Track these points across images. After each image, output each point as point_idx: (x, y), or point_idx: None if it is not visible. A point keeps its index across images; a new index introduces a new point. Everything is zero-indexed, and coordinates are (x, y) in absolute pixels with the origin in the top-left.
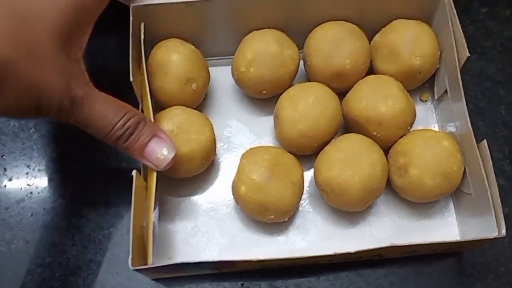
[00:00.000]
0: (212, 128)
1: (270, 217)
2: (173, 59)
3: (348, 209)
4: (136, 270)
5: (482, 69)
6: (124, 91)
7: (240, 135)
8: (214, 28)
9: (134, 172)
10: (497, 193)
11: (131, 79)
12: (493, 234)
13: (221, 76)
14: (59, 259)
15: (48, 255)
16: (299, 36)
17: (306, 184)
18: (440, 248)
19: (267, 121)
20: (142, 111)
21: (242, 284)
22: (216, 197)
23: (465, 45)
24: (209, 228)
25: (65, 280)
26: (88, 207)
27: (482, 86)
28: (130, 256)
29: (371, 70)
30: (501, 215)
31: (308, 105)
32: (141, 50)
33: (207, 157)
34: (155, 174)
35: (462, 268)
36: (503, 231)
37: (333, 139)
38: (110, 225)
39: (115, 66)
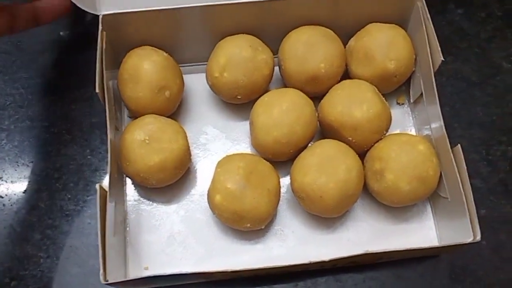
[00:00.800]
0: (186, 136)
1: (246, 225)
2: (145, 67)
3: (324, 215)
4: (109, 284)
5: (458, 71)
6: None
7: (217, 142)
8: (187, 35)
9: (97, 186)
10: (471, 197)
11: (96, 90)
12: (469, 239)
13: (196, 82)
14: (33, 272)
15: (22, 268)
16: (273, 41)
17: (283, 190)
18: (415, 254)
19: (244, 127)
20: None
21: None
22: (192, 205)
23: (439, 49)
24: (186, 237)
25: None
26: (62, 218)
27: (458, 87)
28: (101, 271)
29: (346, 74)
30: (476, 220)
31: (282, 112)
32: (106, 61)
33: (181, 166)
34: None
35: (441, 272)
36: (478, 237)
37: (309, 145)
38: (84, 236)
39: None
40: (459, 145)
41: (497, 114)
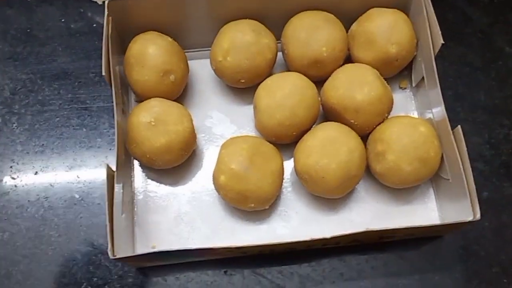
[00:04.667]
0: (191, 119)
1: (250, 205)
2: (150, 51)
3: (327, 196)
4: (117, 259)
5: (461, 56)
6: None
7: (221, 126)
8: (191, 21)
9: (105, 166)
10: (472, 178)
11: (102, 73)
12: (469, 218)
13: (201, 67)
14: (45, 250)
15: (34, 247)
16: (276, 26)
17: (288, 172)
18: (416, 232)
19: (248, 111)
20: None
21: (225, 272)
22: (198, 187)
23: (439, 32)
24: (192, 218)
25: (50, 270)
26: (72, 199)
27: (461, 72)
28: (109, 247)
29: (349, 59)
30: (476, 199)
31: (285, 95)
32: (112, 46)
33: (186, 148)
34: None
35: (443, 252)
36: (478, 215)
37: (311, 128)
38: (94, 217)
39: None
40: (459, 126)
41: (499, 98)
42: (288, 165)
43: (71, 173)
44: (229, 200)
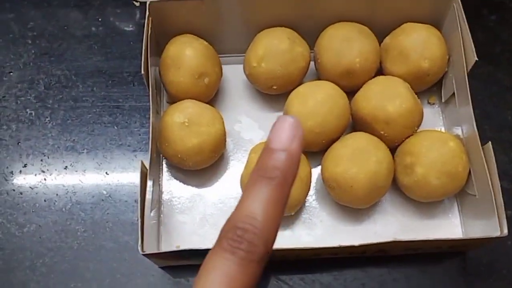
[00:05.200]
0: (223, 121)
1: None
2: (187, 53)
3: (353, 205)
4: (145, 255)
5: (490, 74)
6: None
7: (250, 131)
8: (227, 26)
9: (140, 163)
10: (500, 194)
11: (142, 72)
12: (496, 233)
13: (233, 73)
14: (70, 244)
15: (60, 240)
16: (310, 35)
17: (313, 180)
18: (442, 246)
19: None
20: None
21: None
22: (224, 190)
23: (473, 49)
24: (217, 220)
25: (74, 264)
26: (100, 196)
27: (490, 91)
28: (139, 242)
29: (380, 72)
30: (503, 215)
31: (317, 102)
32: (151, 44)
33: (217, 150)
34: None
35: (465, 268)
36: (505, 231)
37: (341, 137)
38: (120, 213)
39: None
40: (489, 143)
41: None
42: (313, 173)
43: (100, 170)
44: None
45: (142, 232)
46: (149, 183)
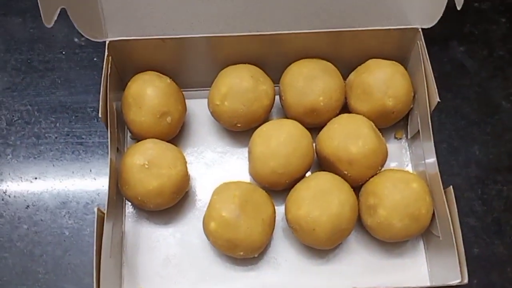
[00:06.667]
0: (185, 162)
1: (239, 253)
2: (148, 93)
3: (317, 247)
4: None
5: (457, 108)
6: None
7: (216, 167)
8: (192, 62)
9: (95, 209)
10: (461, 240)
11: (99, 115)
12: (456, 280)
13: (199, 107)
14: (31, 287)
15: (20, 283)
16: (275, 71)
17: (279, 218)
18: None
19: (243, 154)
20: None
21: None
22: (188, 228)
23: (436, 90)
24: (181, 260)
25: None
26: (62, 235)
27: (457, 125)
28: None
29: (346, 107)
30: (464, 263)
31: (280, 143)
32: (111, 84)
33: (178, 191)
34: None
35: None
36: (465, 280)
37: (305, 177)
38: (82, 254)
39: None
40: (451, 187)
41: (494, 154)
42: (279, 211)
43: (62, 209)
44: (218, 246)
45: (98, 280)
46: (108, 226)
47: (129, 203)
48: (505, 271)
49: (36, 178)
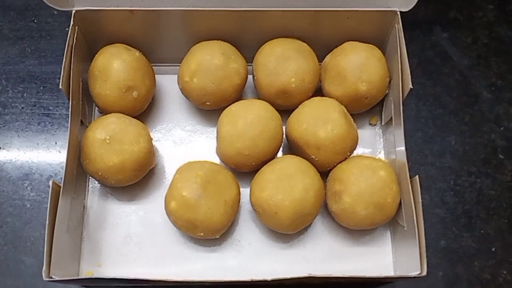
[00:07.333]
0: (149, 139)
1: (199, 234)
2: (114, 66)
3: (279, 231)
4: (52, 281)
5: (436, 96)
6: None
7: (183, 146)
8: (164, 36)
9: (50, 182)
10: (423, 232)
11: (60, 86)
12: (415, 272)
13: (170, 83)
14: None
15: None
16: (250, 49)
17: (245, 201)
18: (360, 281)
19: (213, 133)
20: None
21: None
22: (152, 207)
23: (409, 77)
24: (142, 239)
25: None
26: (23, 208)
27: (434, 113)
28: (44, 268)
29: (320, 90)
30: (424, 255)
31: (247, 124)
32: (78, 55)
33: (141, 169)
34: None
35: None
36: (424, 273)
37: (272, 160)
38: (43, 228)
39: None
40: (417, 176)
41: (470, 144)
42: (246, 193)
43: (24, 181)
44: (178, 226)
45: (49, 257)
46: (66, 201)
47: (92, 179)
48: (472, 265)
49: (0, 148)
